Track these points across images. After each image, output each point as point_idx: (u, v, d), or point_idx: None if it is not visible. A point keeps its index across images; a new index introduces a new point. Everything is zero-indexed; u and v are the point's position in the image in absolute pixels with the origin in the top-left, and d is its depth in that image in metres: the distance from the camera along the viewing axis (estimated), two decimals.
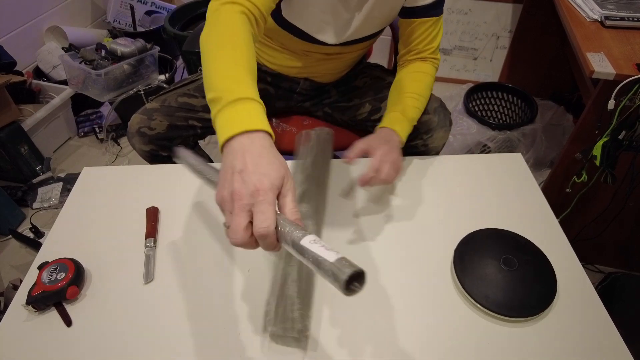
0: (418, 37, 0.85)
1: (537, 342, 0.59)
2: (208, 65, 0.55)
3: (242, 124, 0.47)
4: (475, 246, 0.70)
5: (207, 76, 0.54)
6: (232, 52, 0.55)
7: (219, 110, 0.50)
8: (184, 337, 0.60)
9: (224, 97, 0.50)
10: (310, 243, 0.41)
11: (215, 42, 0.56)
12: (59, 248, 0.72)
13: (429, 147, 0.91)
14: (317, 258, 0.40)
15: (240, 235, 0.42)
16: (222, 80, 0.52)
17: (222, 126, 0.49)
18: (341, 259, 0.40)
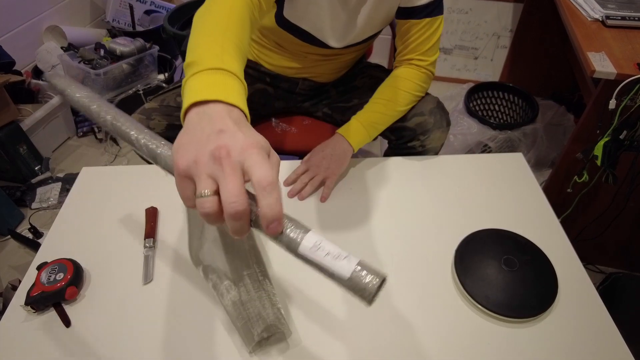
0: (410, 38, 0.85)
1: (538, 343, 0.59)
2: (195, 36, 0.51)
3: (221, 94, 0.39)
4: (476, 246, 0.70)
5: (191, 44, 0.49)
6: (225, 30, 0.51)
7: (196, 73, 0.43)
8: (183, 337, 0.60)
9: (206, 63, 0.44)
10: (312, 251, 0.34)
11: (210, 19, 0.53)
12: (58, 248, 0.72)
13: (427, 147, 0.91)
14: (328, 271, 0.34)
15: (243, 199, 0.33)
16: (207, 48, 0.47)
17: (197, 89, 0.41)
18: (358, 271, 0.33)
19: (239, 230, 0.34)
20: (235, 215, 0.33)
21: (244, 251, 0.65)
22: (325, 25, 0.82)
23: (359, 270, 0.33)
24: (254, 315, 0.57)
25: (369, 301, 0.33)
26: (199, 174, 0.34)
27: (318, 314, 0.62)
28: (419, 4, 0.80)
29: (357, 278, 0.33)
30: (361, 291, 0.33)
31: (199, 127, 0.37)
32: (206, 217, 0.34)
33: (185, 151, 0.35)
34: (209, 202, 0.33)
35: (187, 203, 0.35)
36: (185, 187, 0.35)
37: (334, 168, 0.81)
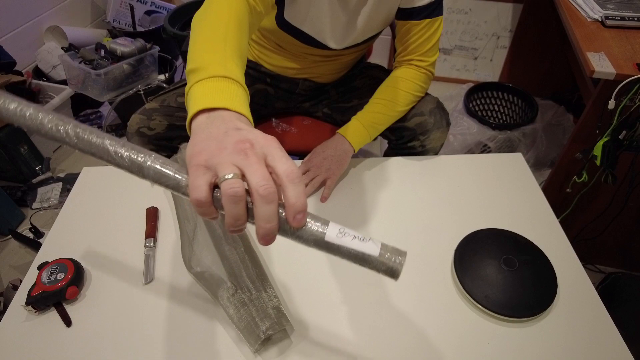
0: (410, 39, 0.85)
1: (538, 342, 0.59)
2: (196, 40, 0.52)
3: (227, 101, 0.41)
4: (475, 246, 0.70)
5: (192, 49, 0.50)
6: (225, 35, 0.52)
7: (201, 80, 0.44)
8: (183, 337, 0.60)
9: (210, 70, 0.45)
10: (339, 237, 0.35)
11: (209, 24, 0.54)
12: (59, 248, 0.72)
13: (426, 147, 0.91)
14: (357, 253, 0.35)
15: (272, 183, 0.33)
16: (210, 55, 0.48)
17: (203, 96, 0.42)
18: (384, 249, 0.36)
19: (268, 217, 0.33)
20: (268, 197, 0.33)
21: (240, 253, 0.65)
22: (325, 27, 0.82)
23: (384, 249, 0.36)
24: (257, 314, 0.57)
25: (397, 276, 0.36)
26: (222, 161, 0.34)
27: (318, 313, 0.63)
28: (419, 5, 0.80)
29: (384, 257, 0.36)
30: (390, 268, 0.36)
31: (213, 126, 0.38)
32: (231, 200, 0.33)
33: (205, 144, 0.35)
34: (238, 182, 0.33)
35: (195, 192, 0.33)
36: (199, 175, 0.34)
37: (335, 169, 0.82)
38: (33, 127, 0.39)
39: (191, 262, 0.66)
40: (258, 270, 0.64)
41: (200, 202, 0.34)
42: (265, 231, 0.33)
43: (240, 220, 0.34)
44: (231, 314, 0.59)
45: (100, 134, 0.39)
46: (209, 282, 0.63)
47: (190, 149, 0.37)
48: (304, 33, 0.83)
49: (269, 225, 0.33)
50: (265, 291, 0.61)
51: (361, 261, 0.36)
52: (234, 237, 0.68)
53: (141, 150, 0.38)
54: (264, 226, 0.33)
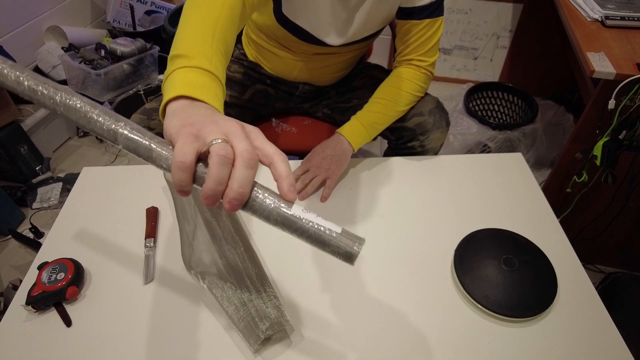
0: (410, 38, 0.85)
1: (538, 342, 0.59)
2: (184, 28, 0.52)
3: (207, 97, 0.42)
4: (475, 246, 0.70)
5: (180, 36, 0.51)
6: (215, 23, 0.53)
7: (187, 67, 0.46)
8: (183, 337, 0.60)
9: (196, 60, 0.47)
10: (303, 212, 0.36)
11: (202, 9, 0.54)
12: (59, 248, 0.72)
13: (426, 148, 0.91)
14: (316, 233, 0.36)
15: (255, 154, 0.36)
16: (198, 44, 0.49)
17: (187, 83, 0.43)
18: (344, 233, 0.37)
19: (245, 182, 0.35)
20: (250, 162, 0.35)
21: (240, 253, 0.65)
22: (324, 23, 0.82)
23: (344, 233, 0.37)
24: (257, 314, 0.57)
25: (353, 260, 0.37)
26: (213, 131, 0.35)
27: (318, 313, 0.63)
28: (420, 5, 0.80)
29: (342, 240, 0.36)
30: (347, 252, 0.36)
31: (200, 109, 0.40)
32: (220, 160, 0.34)
33: (196, 118, 0.37)
34: (228, 147, 0.35)
35: (181, 156, 0.34)
36: (188, 142, 0.35)
37: (335, 169, 0.82)
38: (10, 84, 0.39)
39: (191, 262, 0.66)
40: (258, 270, 0.64)
41: (183, 165, 0.34)
42: (235, 195, 0.34)
43: (221, 185, 0.34)
44: (231, 314, 0.59)
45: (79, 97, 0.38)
46: (209, 282, 0.63)
47: (177, 121, 0.37)
48: (302, 29, 0.83)
49: (241, 189, 0.35)
50: (265, 291, 0.61)
51: (320, 243, 0.36)
52: (233, 237, 0.68)
53: (117, 116, 0.38)
54: (237, 189, 0.34)
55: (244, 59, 1.03)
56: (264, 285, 0.62)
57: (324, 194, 0.81)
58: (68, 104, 0.38)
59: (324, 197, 0.80)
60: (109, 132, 0.37)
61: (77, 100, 0.38)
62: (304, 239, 0.37)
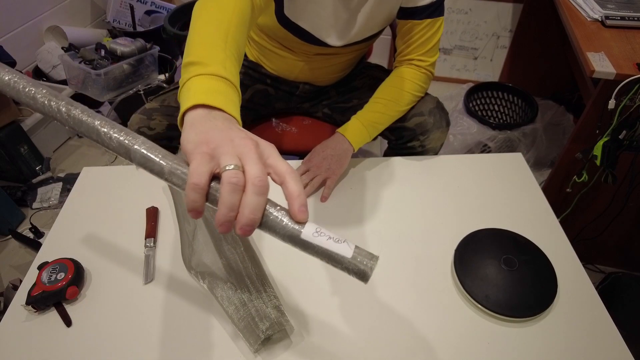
0: (411, 38, 0.85)
1: (538, 342, 0.59)
2: (196, 33, 0.52)
3: (223, 104, 0.42)
4: (475, 246, 0.70)
5: (192, 42, 0.51)
6: (227, 29, 0.53)
7: (201, 75, 0.45)
8: (184, 337, 0.60)
9: (210, 67, 0.47)
10: (314, 236, 0.37)
11: (213, 14, 0.54)
12: (59, 248, 0.72)
13: (426, 147, 0.91)
14: (330, 253, 0.37)
15: (267, 179, 0.36)
16: (211, 50, 0.49)
17: (202, 91, 0.43)
18: (357, 252, 0.37)
19: (256, 209, 0.35)
20: (261, 189, 0.35)
21: (240, 253, 0.65)
22: (325, 24, 0.82)
23: (357, 252, 0.37)
24: (257, 314, 0.57)
25: (367, 279, 0.37)
26: (229, 152, 0.36)
27: (318, 313, 0.63)
28: (421, 5, 0.80)
29: (357, 259, 0.37)
30: (360, 271, 0.37)
31: (217, 120, 0.40)
32: (231, 188, 0.35)
33: (212, 134, 0.38)
34: (239, 174, 0.35)
35: (195, 177, 0.35)
36: (203, 162, 0.35)
37: (335, 168, 0.82)
38: (25, 100, 0.39)
39: (191, 262, 0.66)
40: (258, 270, 0.64)
41: (197, 187, 0.35)
42: (247, 221, 0.35)
43: (233, 212, 0.35)
44: (231, 314, 0.59)
45: (92, 114, 0.39)
46: (209, 282, 0.63)
47: (195, 135, 0.38)
48: (303, 29, 0.83)
49: (252, 216, 0.35)
50: (265, 291, 0.61)
51: (334, 262, 0.37)
52: (234, 237, 0.68)
53: (130, 133, 0.39)
54: (248, 215, 0.35)
55: (244, 59, 1.03)
56: (264, 285, 0.62)
57: (324, 193, 0.81)
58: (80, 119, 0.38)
59: (324, 197, 0.80)
60: (123, 149, 0.38)
61: (89, 117, 0.38)
62: (317, 258, 0.38)
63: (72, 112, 0.39)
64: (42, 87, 0.39)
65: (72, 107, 0.39)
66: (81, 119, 0.38)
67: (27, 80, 0.39)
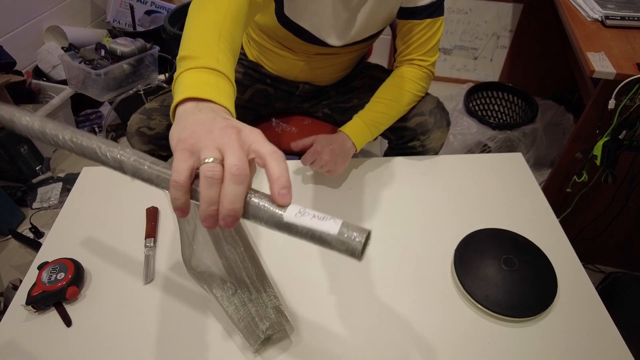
0: (412, 38, 0.85)
1: (538, 342, 0.59)
2: (191, 29, 0.52)
3: (215, 95, 0.42)
4: (475, 246, 0.70)
5: (187, 38, 0.51)
6: (222, 24, 0.53)
7: (193, 69, 0.45)
8: (184, 337, 0.60)
9: (202, 60, 0.46)
10: (297, 217, 0.35)
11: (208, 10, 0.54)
12: (59, 248, 0.72)
13: (427, 147, 0.91)
14: (315, 233, 0.35)
15: (246, 166, 0.34)
16: (204, 44, 0.49)
17: (193, 85, 0.43)
18: (344, 227, 0.35)
19: (235, 199, 0.34)
20: (238, 177, 0.34)
21: (240, 253, 0.65)
22: (325, 24, 0.82)
23: (345, 227, 0.35)
24: (257, 314, 0.57)
25: (359, 256, 0.35)
26: (208, 145, 0.35)
27: (318, 313, 0.63)
28: (421, 5, 0.80)
29: (345, 235, 0.34)
30: (350, 247, 0.34)
31: (202, 113, 0.39)
32: (207, 182, 0.34)
33: (193, 129, 0.37)
34: (217, 167, 0.34)
35: (175, 175, 0.34)
36: (184, 159, 0.35)
37: (339, 165, 0.80)
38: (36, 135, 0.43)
39: (191, 262, 0.66)
40: (258, 270, 0.64)
41: (177, 185, 0.34)
42: (227, 212, 0.34)
43: (213, 205, 0.34)
44: (231, 314, 0.59)
45: (90, 137, 0.41)
46: (209, 282, 0.63)
47: (178, 132, 0.38)
48: (303, 29, 0.83)
49: (231, 206, 0.34)
50: (265, 291, 0.61)
51: (320, 241, 0.35)
52: (234, 237, 0.68)
53: (123, 147, 0.40)
54: (227, 206, 0.34)
55: (244, 59, 1.03)
56: (264, 285, 0.62)
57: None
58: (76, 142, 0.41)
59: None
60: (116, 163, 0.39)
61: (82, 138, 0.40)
62: (306, 241, 0.36)
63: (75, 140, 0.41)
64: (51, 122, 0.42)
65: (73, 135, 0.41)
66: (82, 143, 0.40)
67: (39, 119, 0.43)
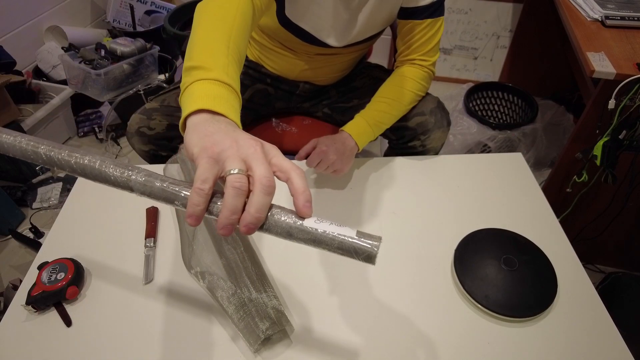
0: (413, 38, 0.85)
1: (538, 342, 0.59)
2: (198, 37, 0.53)
3: (226, 109, 0.43)
4: (475, 246, 0.70)
5: (195, 46, 0.51)
6: (230, 33, 0.53)
7: (204, 80, 0.46)
8: (183, 337, 0.60)
9: (213, 72, 0.47)
10: (317, 223, 0.38)
11: (215, 17, 0.55)
12: (59, 248, 0.72)
13: (427, 147, 0.91)
14: (334, 238, 0.38)
15: (273, 178, 0.36)
16: (214, 55, 0.50)
17: (205, 96, 0.44)
18: (359, 235, 0.38)
19: (262, 208, 0.35)
20: (269, 189, 0.35)
21: (240, 253, 0.65)
22: (326, 25, 0.82)
23: (360, 235, 0.38)
24: (257, 314, 0.57)
25: (373, 260, 0.38)
26: (233, 155, 0.36)
27: (318, 313, 0.63)
28: (422, 5, 0.80)
29: (360, 241, 0.38)
30: (366, 253, 0.37)
31: (221, 124, 0.40)
32: (235, 192, 0.35)
33: (217, 137, 0.38)
34: (244, 178, 0.36)
35: (199, 183, 0.35)
36: (210, 167, 0.36)
37: (345, 164, 0.80)
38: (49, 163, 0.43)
39: (191, 262, 0.66)
40: (258, 270, 0.64)
41: (202, 192, 0.35)
42: (252, 219, 0.35)
43: (235, 214, 0.35)
44: (231, 314, 0.59)
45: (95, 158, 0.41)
46: (209, 282, 0.63)
47: (198, 140, 0.38)
48: (304, 30, 0.83)
49: (258, 215, 0.35)
50: (265, 291, 0.61)
51: (338, 248, 0.37)
52: (234, 237, 0.68)
53: (128, 166, 0.40)
54: (253, 214, 0.35)
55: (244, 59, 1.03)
56: (264, 285, 0.62)
57: None
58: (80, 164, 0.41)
59: None
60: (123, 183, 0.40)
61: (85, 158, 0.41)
62: (322, 249, 0.38)
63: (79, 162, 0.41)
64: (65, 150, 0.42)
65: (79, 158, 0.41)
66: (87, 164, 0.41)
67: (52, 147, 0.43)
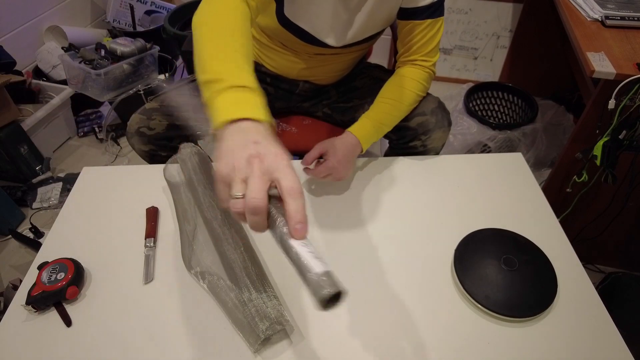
0: (413, 39, 0.85)
1: (538, 342, 0.59)
2: (204, 47, 0.54)
3: (248, 112, 0.46)
4: (475, 246, 0.70)
5: (203, 58, 0.53)
6: (232, 39, 0.55)
7: (220, 91, 0.48)
8: (183, 337, 0.60)
9: (226, 80, 0.49)
10: (299, 244, 0.39)
11: (214, 28, 0.55)
12: (59, 248, 0.72)
13: (428, 147, 0.91)
14: (302, 263, 0.39)
15: (262, 197, 0.39)
16: (223, 64, 0.51)
17: (225, 108, 0.47)
18: (326, 274, 0.38)
19: (255, 225, 0.41)
20: (254, 210, 0.39)
21: (240, 253, 0.65)
22: (325, 25, 0.82)
23: (327, 276, 0.38)
24: (257, 314, 0.57)
25: (322, 305, 0.38)
26: (235, 178, 0.41)
27: (318, 313, 0.62)
28: (422, 5, 0.80)
29: (321, 281, 0.37)
30: (320, 294, 0.37)
31: (236, 138, 0.44)
32: (236, 216, 0.41)
33: (225, 159, 0.42)
34: (240, 203, 0.40)
35: (222, 204, 0.42)
36: (222, 190, 0.42)
37: (348, 172, 0.81)
38: None
39: (191, 262, 0.66)
40: (258, 270, 0.64)
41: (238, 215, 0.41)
42: (254, 230, 0.42)
43: (261, 226, 0.41)
44: (231, 313, 0.59)
45: None
46: (209, 282, 0.63)
47: (217, 162, 0.43)
48: (303, 30, 0.83)
49: (255, 228, 0.41)
50: (265, 291, 0.61)
51: (301, 272, 0.39)
52: (234, 237, 0.68)
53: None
54: (252, 228, 0.41)
55: None
56: (264, 285, 0.62)
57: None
58: None
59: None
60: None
61: None
62: (293, 265, 0.40)
63: None
64: None
65: None
66: None
67: None
